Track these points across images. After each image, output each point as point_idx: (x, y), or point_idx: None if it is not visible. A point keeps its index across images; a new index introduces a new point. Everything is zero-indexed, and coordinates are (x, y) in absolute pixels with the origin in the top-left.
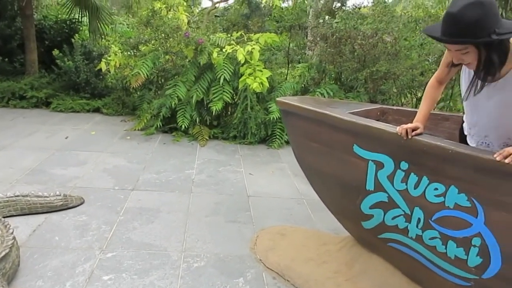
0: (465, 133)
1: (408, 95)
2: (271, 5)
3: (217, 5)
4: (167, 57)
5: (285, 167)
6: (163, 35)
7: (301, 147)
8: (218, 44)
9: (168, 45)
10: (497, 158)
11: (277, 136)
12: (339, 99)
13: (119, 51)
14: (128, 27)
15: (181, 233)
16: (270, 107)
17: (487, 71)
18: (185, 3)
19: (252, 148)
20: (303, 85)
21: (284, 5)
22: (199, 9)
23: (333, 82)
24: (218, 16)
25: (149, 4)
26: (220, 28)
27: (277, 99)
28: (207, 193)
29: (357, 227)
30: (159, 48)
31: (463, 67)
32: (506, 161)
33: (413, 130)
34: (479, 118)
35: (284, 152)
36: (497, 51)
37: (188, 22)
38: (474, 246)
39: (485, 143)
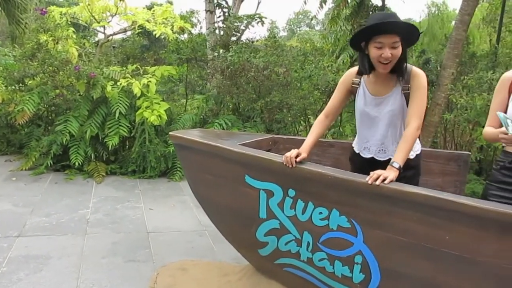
0: (357, 151)
1: (303, 123)
2: (165, 38)
3: (110, 37)
4: (57, 91)
5: (186, 199)
6: (51, 68)
7: (196, 180)
8: (112, 77)
9: (58, 79)
10: (369, 182)
11: (178, 169)
12: (237, 129)
13: (3, 85)
14: (14, 59)
15: (74, 279)
16: (169, 140)
17: (400, 69)
18: (74, 36)
19: (152, 182)
20: (202, 117)
21: (184, 36)
22: (94, 40)
23: (231, 112)
24: (116, 47)
25: (35, 36)
26: (115, 61)
27: (170, 133)
28: (103, 233)
29: (255, 255)
30: (48, 82)
31: (360, 88)
32: (377, 183)
33: (297, 157)
34: (376, 128)
35: (186, 184)
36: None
37: (79, 55)
38: (357, 263)
39: (382, 150)
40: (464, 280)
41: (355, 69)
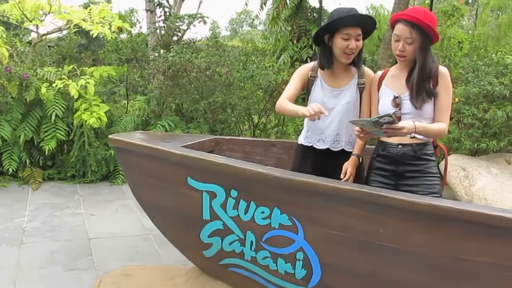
0: (309, 144)
1: (246, 123)
2: (104, 37)
3: (44, 36)
4: None
5: (130, 203)
6: None
7: (138, 183)
8: (47, 78)
9: None
10: (344, 179)
11: (120, 172)
12: (181, 130)
13: None
14: None
15: None
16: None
17: (359, 60)
18: (4, 35)
19: (93, 186)
20: (144, 118)
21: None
22: (27, 40)
23: (174, 113)
24: (52, 47)
25: None
26: (50, 61)
27: (109, 136)
28: (41, 242)
29: (200, 257)
30: None
31: (317, 81)
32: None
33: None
34: (332, 120)
35: (129, 187)
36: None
37: (10, 55)
38: (299, 260)
39: (337, 140)
40: (398, 270)
41: (311, 63)
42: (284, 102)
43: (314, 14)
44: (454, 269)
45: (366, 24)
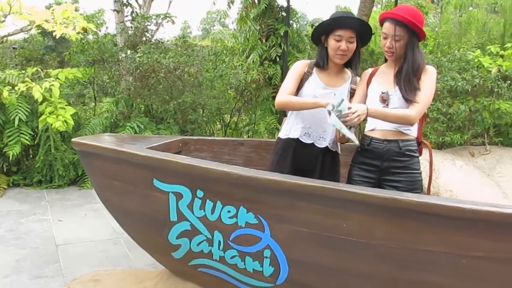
0: (296, 136)
1: (218, 123)
2: (69, 38)
3: (5, 38)
4: None
5: (99, 207)
6: None
7: (103, 187)
8: (9, 81)
9: None
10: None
11: None
12: (150, 132)
13: None
14: None
15: None
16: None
17: (354, 62)
18: None
19: (61, 191)
20: (112, 120)
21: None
22: None
23: (144, 115)
24: (16, 48)
25: None
26: (12, 64)
27: (72, 140)
28: (6, 250)
29: (169, 259)
30: None
31: (312, 77)
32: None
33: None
34: (321, 116)
35: None
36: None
37: None
38: (266, 257)
39: (323, 137)
40: (361, 263)
41: (307, 60)
42: (289, 97)
43: (283, 13)
44: (415, 260)
45: (358, 28)
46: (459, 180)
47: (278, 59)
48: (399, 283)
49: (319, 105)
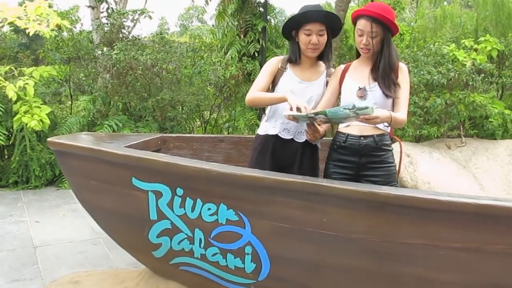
0: (275, 133)
1: (197, 119)
2: (43, 35)
3: None
4: None
5: (78, 207)
6: None
7: (81, 187)
8: None
9: None
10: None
11: None
12: (129, 130)
13: None
14: None
15: None
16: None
17: (327, 55)
18: None
19: (38, 192)
20: (90, 119)
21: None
22: None
23: (122, 113)
24: None
25: None
26: None
27: (48, 139)
28: None
29: (150, 258)
30: None
31: (286, 73)
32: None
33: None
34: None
35: None
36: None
37: None
38: (247, 254)
39: (301, 132)
40: (342, 257)
41: (281, 56)
42: (257, 94)
43: (260, 9)
44: (395, 253)
45: (326, 20)
46: (437, 172)
47: (256, 55)
48: (379, 276)
49: (284, 100)
